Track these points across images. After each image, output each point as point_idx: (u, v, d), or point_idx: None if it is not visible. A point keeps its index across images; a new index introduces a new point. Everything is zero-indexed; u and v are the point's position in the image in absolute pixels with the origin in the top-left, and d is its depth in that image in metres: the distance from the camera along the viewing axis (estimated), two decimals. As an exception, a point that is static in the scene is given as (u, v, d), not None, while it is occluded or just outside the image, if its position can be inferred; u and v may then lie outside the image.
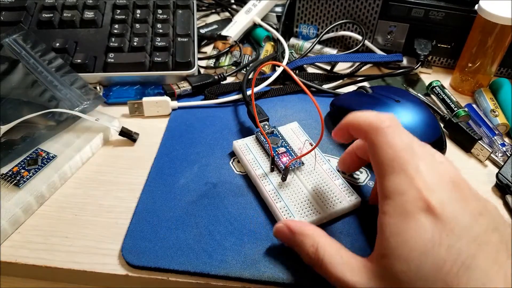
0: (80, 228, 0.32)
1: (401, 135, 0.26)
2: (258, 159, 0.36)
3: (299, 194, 0.33)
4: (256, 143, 0.37)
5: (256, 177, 0.34)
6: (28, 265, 0.29)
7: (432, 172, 0.24)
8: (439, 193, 0.23)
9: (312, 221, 0.31)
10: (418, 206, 0.23)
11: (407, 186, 0.23)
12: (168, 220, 0.32)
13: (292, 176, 0.34)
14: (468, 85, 0.48)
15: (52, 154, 0.36)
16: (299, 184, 0.33)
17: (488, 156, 0.39)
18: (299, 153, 0.36)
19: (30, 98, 0.39)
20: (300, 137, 0.38)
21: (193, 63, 0.47)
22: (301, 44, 0.55)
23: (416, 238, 0.22)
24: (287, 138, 0.37)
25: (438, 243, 0.22)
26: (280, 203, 0.32)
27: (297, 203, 0.32)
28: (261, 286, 0.28)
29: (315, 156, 0.35)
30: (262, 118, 0.39)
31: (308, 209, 0.32)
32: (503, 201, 0.35)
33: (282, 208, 0.32)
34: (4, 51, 0.42)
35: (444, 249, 0.21)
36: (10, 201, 0.32)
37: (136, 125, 0.41)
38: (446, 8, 0.48)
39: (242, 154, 0.36)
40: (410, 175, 0.24)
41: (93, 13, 0.49)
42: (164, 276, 0.29)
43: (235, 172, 0.36)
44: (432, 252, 0.21)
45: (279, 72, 0.47)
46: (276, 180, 0.34)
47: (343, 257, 0.25)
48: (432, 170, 0.24)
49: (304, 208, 0.32)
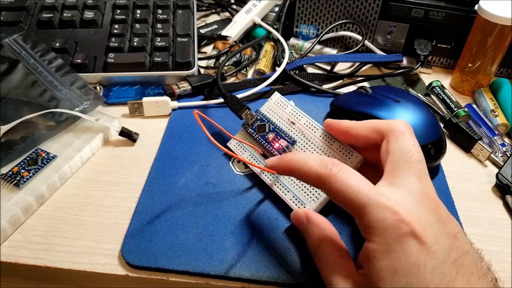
0: (80, 228, 0.32)
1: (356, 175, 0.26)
2: (254, 154, 0.36)
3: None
4: (247, 135, 0.37)
5: (259, 174, 0.34)
6: (28, 265, 0.29)
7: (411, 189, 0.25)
8: (420, 215, 0.24)
9: (322, 200, 0.31)
10: (402, 232, 0.23)
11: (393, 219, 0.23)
12: (168, 220, 0.32)
13: None
14: (468, 85, 0.48)
15: (52, 154, 0.36)
16: None
17: (488, 156, 0.39)
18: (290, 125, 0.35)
19: (30, 98, 0.39)
20: (285, 109, 0.36)
21: (193, 63, 0.47)
22: (301, 44, 0.55)
23: (402, 261, 0.23)
24: (273, 119, 0.36)
25: (423, 266, 0.22)
26: (289, 194, 0.32)
27: (303, 187, 0.32)
28: (261, 286, 0.28)
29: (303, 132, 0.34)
30: (242, 107, 0.38)
31: (315, 189, 0.32)
32: (503, 201, 0.35)
33: (292, 198, 0.32)
34: (4, 51, 0.42)
35: (428, 272, 0.22)
36: (10, 201, 0.32)
37: (136, 125, 0.41)
38: (446, 8, 0.48)
39: (238, 154, 0.36)
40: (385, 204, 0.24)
41: (93, 13, 0.49)
42: (164, 276, 0.29)
43: (235, 172, 0.36)
44: (417, 275, 0.22)
45: (279, 72, 0.47)
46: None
47: (339, 262, 0.26)
48: (411, 186, 0.25)
49: (310, 189, 0.32)
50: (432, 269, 0.22)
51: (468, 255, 0.24)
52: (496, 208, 0.35)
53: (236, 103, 0.38)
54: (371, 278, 0.24)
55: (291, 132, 0.35)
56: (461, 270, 0.23)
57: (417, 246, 0.23)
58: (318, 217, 0.29)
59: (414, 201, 0.25)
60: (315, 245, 0.28)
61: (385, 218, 0.23)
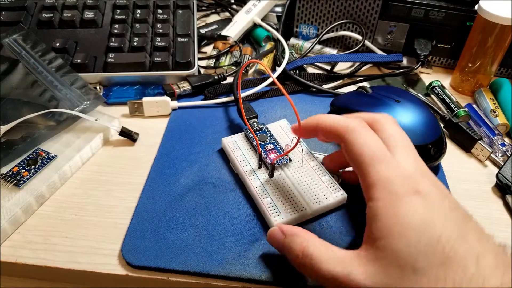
0: (80, 228, 0.32)
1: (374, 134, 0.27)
2: (246, 155, 0.36)
3: (285, 190, 0.33)
4: (245, 140, 0.38)
5: (244, 174, 0.34)
6: (28, 265, 0.29)
7: (411, 162, 0.26)
8: (422, 180, 0.25)
9: (298, 217, 0.31)
10: (406, 190, 0.24)
11: (392, 172, 0.25)
12: (168, 220, 0.32)
13: (280, 172, 0.34)
14: (468, 85, 0.48)
15: (52, 154, 0.36)
16: (286, 180, 0.34)
17: (488, 156, 0.39)
18: (286, 149, 0.36)
19: (30, 98, 0.39)
20: (288, 134, 0.38)
21: (193, 63, 0.47)
22: (301, 44, 0.55)
23: (411, 216, 0.23)
24: (275, 135, 0.37)
25: (431, 220, 0.23)
26: (267, 199, 0.32)
27: (283, 199, 0.32)
28: (261, 286, 0.28)
29: (302, 152, 0.36)
30: (251, 115, 0.40)
31: (294, 205, 0.32)
32: (503, 201, 0.35)
33: (269, 203, 0.32)
34: (4, 51, 0.42)
35: (438, 226, 0.23)
36: (10, 201, 0.32)
37: (136, 125, 0.41)
38: (446, 8, 0.48)
39: (230, 151, 0.37)
40: (391, 163, 0.25)
41: (93, 13, 0.49)
42: (164, 276, 0.29)
43: (235, 172, 0.36)
44: (427, 228, 0.23)
45: (279, 72, 0.47)
46: (264, 177, 0.34)
47: (334, 251, 0.25)
48: (410, 160, 0.26)
49: (290, 203, 0.32)
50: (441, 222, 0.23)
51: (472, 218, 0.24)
52: (496, 208, 0.35)
53: (248, 109, 0.40)
54: (382, 242, 0.23)
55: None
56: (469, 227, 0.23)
57: (421, 202, 0.24)
58: (293, 228, 0.28)
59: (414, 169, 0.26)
60: (297, 254, 0.26)
61: (390, 175, 0.25)
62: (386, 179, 0.25)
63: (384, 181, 0.25)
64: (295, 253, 0.26)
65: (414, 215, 0.23)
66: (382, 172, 0.25)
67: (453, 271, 0.21)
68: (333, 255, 0.25)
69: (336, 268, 0.24)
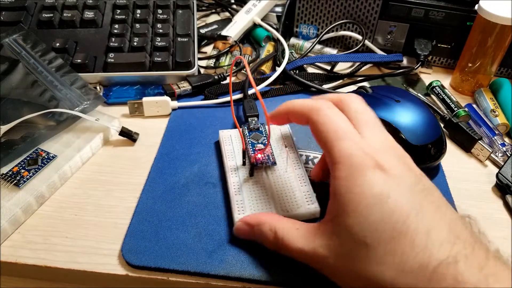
0: (80, 228, 0.32)
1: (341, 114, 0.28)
2: (236, 151, 0.36)
3: (261, 192, 0.32)
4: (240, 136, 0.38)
5: (227, 168, 0.34)
6: (28, 265, 0.29)
7: (377, 138, 0.27)
8: (386, 155, 0.25)
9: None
10: (367, 164, 0.24)
11: (355, 148, 0.25)
12: (168, 220, 0.32)
13: (262, 174, 0.34)
14: (468, 85, 0.48)
15: (52, 154, 0.36)
16: (265, 182, 0.33)
17: (488, 156, 0.39)
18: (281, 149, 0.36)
19: (30, 98, 0.39)
20: (285, 140, 0.37)
21: (193, 63, 0.47)
22: (302, 44, 0.55)
23: (365, 191, 0.24)
24: (271, 138, 0.37)
25: (387, 195, 0.23)
26: (239, 196, 0.32)
27: (255, 199, 0.32)
28: (261, 286, 0.28)
29: (287, 158, 0.35)
30: (252, 113, 0.40)
31: (263, 207, 0.31)
32: (503, 201, 0.35)
33: (239, 201, 0.32)
34: (4, 51, 0.42)
35: (392, 201, 0.23)
36: (10, 201, 0.32)
37: (136, 125, 0.41)
38: (446, 8, 0.48)
39: (222, 144, 0.37)
40: (355, 139, 0.26)
41: (93, 13, 0.49)
42: (164, 276, 0.29)
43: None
44: (381, 203, 0.23)
45: (279, 72, 0.47)
46: (244, 175, 0.34)
47: (299, 229, 0.27)
48: (376, 136, 0.27)
49: (260, 205, 0.31)
50: (396, 198, 0.23)
51: (436, 192, 0.25)
52: (496, 208, 0.35)
53: (252, 108, 0.41)
54: (337, 218, 0.24)
55: (277, 154, 0.35)
56: (429, 198, 0.24)
57: (381, 177, 0.24)
58: (256, 216, 0.29)
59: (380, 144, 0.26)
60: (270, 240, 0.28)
61: (353, 150, 0.25)
62: (349, 155, 0.25)
63: (346, 158, 0.25)
64: (268, 240, 0.28)
65: (370, 191, 0.24)
66: (345, 149, 0.25)
67: (402, 245, 0.22)
68: (299, 232, 0.27)
69: (303, 245, 0.26)
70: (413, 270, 0.22)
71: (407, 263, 0.22)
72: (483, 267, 0.21)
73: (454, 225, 0.23)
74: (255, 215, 0.30)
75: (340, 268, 0.24)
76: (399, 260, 0.22)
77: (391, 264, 0.22)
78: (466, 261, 0.21)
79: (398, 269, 0.22)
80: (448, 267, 0.21)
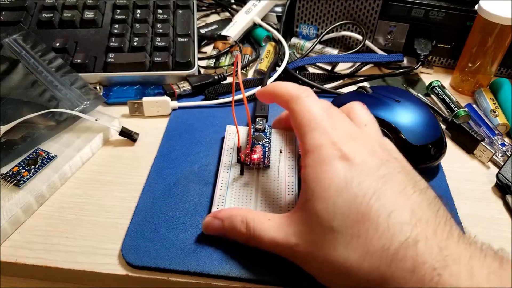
0: (80, 228, 0.32)
1: (317, 102, 0.29)
2: (235, 148, 0.36)
3: (245, 192, 0.32)
4: (245, 135, 0.38)
5: (221, 163, 0.35)
6: (28, 265, 0.29)
7: (345, 129, 0.28)
8: (351, 144, 0.26)
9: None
10: (333, 154, 0.26)
11: (324, 139, 0.26)
12: (168, 220, 0.32)
13: (253, 175, 0.34)
14: (468, 85, 0.48)
15: (52, 154, 0.36)
16: (254, 184, 0.33)
17: (491, 157, 0.38)
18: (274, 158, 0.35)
19: (30, 98, 0.39)
20: (288, 145, 0.37)
21: (193, 63, 0.47)
22: (302, 44, 0.55)
23: (331, 179, 0.25)
24: (273, 141, 0.37)
25: (350, 181, 0.24)
26: (222, 191, 0.32)
27: (237, 198, 0.32)
28: (261, 286, 0.28)
29: (279, 164, 0.35)
30: (262, 113, 0.40)
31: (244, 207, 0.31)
32: (503, 201, 0.35)
33: (221, 196, 0.32)
34: (4, 51, 0.42)
35: (355, 185, 0.24)
36: (10, 201, 0.32)
37: (136, 125, 0.41)
38: (446, 8, 0.48)
39: (226, 139, 0.37)
40: (326, 130, 0.27)
41: (93, 13, 0.49)
42: (164, 276, 0.29)
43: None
44: (345, 189, 0.24)
45: (279, 71, 0.47)
46: (235, 173, 0.34)
47: (271, 219, 0.27)
48: (345, 127, 0.28)
49: (240, 204, 0.31)
50: (359, 182, 0.24)
51: (403, 173, 0.25)
52: (496, 208, 0.35)
53: (263, 108, 0.42)
54: (306, 204, 0.25)
55: (274, 158, 0.35)
56: (391, 183, 0.25)
57: (345, 165, 0.25)
58: (227, 210, 0.30)
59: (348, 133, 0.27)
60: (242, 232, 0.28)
61: (322, 141, 0.26)
62: (317, 146, 0.26)
63: (316, 148, 0.26)
64: (240, 232, 0.28)
65: (335, 178, 0.25)
66: (315, 140, 0.27)
67: (366, 227, 0.23)
68: (270, 223, 0.27)
69: (275, 235, 0.26)
70: (376, 251, 0.22)
71: (371, 244, 0.23)
72: (442, 248, 0.22)
73: (417, 207, 0.24)
74: (226, 209, 0.30)
75: (309, 255, 0.25)
76: (364, 242, 0.23)
77: (356, 246, 0.23)
78: (427, 242, 0.22)
79: (363, 251, 0.23)
80: (408, 248, 0.22)
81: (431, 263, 0.21)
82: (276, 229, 0.27)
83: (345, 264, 0.23)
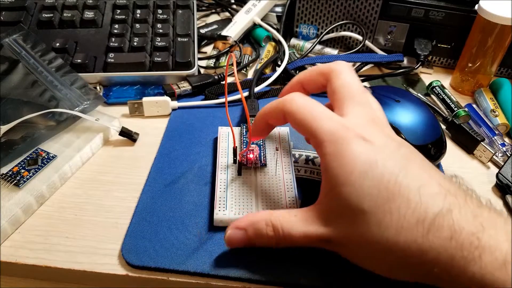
0: (80, 228, 0.32)
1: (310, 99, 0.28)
2: (230, 149, 0.36)
3: (245, 192, 0.32)
4: (239, 135, 0.38)
5: (217, 165, 0.34)
6: (28, 265, 0.29)
7: (356, 113, 0.27)
8: (366, 128, 0.26)
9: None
10: (350, 136, 0.25)
11: (335, 125, 0.26)
12: (168, 220, 0.32)
13: (251, 174, 0.34)
14: (468, 85, 0.48)
15: (52, 154, 0.36)
16: (252, 184, 0.33)
17: (491, 157, 0.38)
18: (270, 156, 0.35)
19: (30, 98, 0.39)
20: (282, 143, 0.37)
21: (193, 63, 0.47)
22: (302, 44, 0.55)
23: (354, 161, 0.25)
24: (267, 139, 0.37)
25: (374, 162, 0.24)
26: (222, 192, 0.32)
27: (237, 199, 0.32)
28: (261, 286, 0.28)
29: (276, 161, 0.35)
30: (253, 113, 0.40)
31: (244, 208, 0.31)
32: (503, 201, 0.35)
33: (221, 197, 0.32)
34: (4, 51, 0.42)
35: (380, 165, 0.24)
36: (10, 201, 0.32)
37: (136, 125, 0.41)
38: (446, 8, 0.48)
39: (219, 140, 0.37)
40: (334, 117, 0.27)
41: (93, 13, 0.49)
42: (164, 276, 0.29)
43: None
44: (370, 170, 0.24)
45: (279, 72, 0.47)
46: (233, 173, 0.34)
47: (296, 215, 0.27)
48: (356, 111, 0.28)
49: (242, 205, 0.31)
50: (383, 163, 0.24)
51: (419, 155, 0.26)
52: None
53: (254, 108, 0.42)
54: (332, 192, 0.25)
55: (270, 157, 0.35)
56: (413, 161, 0.25)
57: (366, 146, 0.25)
58: (248, 217, 0.28)
59: (360, 120, 0.27)
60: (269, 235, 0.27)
61: (334, 127, 0.26)
62: (331, 132, 0.26)
63: (329, 135, 0.26)
64: (267, 236, 0.27)
65: (357, 160, 0.24)
66: (327, 127, 0.26)
67: (398, 204, 0.23)
68: (297, 218, 0.27)
69: (306, 229, 0.26)
70: (411, 225, 0.23)
71: (405, 219, 0.23)
72: (477, 215, 0.22)
73: (442, 181, 0.24)
74: (244, 217, 0.28)
75: (344, 239, 0.25)
76: (397, 217, 0.23)
77: (391, 223, 0.23)
78: (460, 210, 0.23)
79: (398, 227, 0.23)
80: (444, 218, 0.22)
81: (468, 229, 0.22)
82: (306, 223, 0.26)
83: (381, 242, 0.23)
